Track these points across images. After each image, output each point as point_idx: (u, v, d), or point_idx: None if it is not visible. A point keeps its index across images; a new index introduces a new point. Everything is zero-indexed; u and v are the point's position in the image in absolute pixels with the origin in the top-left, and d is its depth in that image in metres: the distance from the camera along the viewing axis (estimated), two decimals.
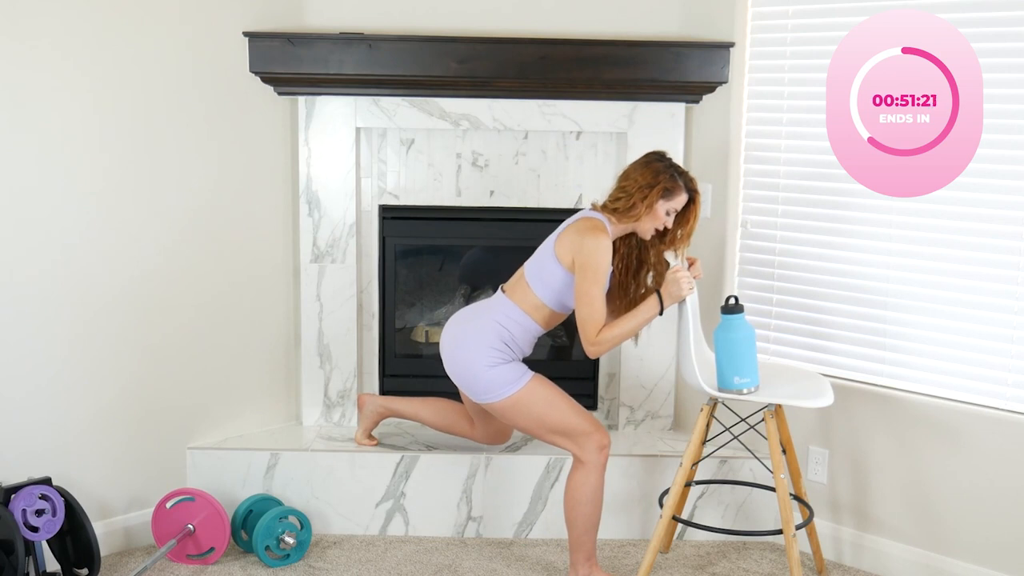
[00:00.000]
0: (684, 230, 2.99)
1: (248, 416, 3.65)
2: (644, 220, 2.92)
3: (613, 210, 2.94)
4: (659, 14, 3.55)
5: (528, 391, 2.96)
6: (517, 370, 2.98)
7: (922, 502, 3.17)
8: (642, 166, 2.94)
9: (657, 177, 2.89)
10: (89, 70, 3.10)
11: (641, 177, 2.91)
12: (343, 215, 3.63)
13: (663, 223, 2.94)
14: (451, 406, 3.41)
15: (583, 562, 3.05)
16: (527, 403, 2.96)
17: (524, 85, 3.51)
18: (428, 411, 3.42)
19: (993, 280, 3.01)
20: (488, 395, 2.97)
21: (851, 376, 3.31)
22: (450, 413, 3.40)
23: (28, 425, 3.11)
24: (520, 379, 2.96)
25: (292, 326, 3.72)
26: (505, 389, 2.95)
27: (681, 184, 2.92)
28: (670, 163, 2.94)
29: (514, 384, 2.95)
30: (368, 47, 3.44)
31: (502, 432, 3.36)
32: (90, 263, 3.18)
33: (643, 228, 2.96)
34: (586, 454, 2.97)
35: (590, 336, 2.87)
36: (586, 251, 2.86)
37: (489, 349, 2.95)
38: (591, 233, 2.87)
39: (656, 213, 2.91)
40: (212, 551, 3.25)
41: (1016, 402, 2.99)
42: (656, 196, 2.89)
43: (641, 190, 2.89)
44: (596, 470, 2.98)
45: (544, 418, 2.97)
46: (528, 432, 3.05)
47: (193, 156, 3.37)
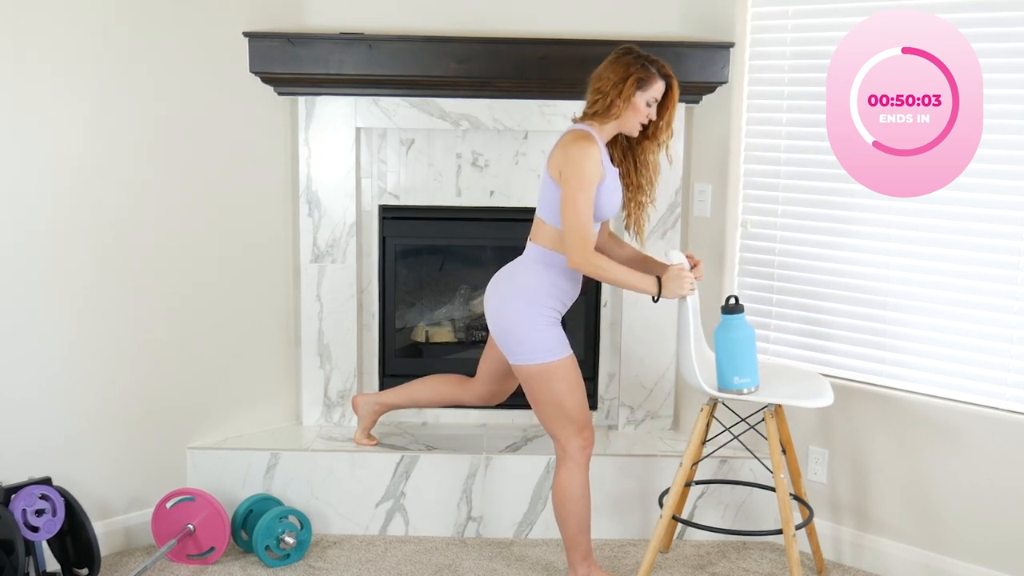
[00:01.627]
0: (665, 118, 2.93)
1: (248, 416, 3.65)
2: (626, 116, 2.88)
3: (593, 115, 2.89)
4: (659, 14, 3.55)
5: (562, 364, 2.92)
6: (559, 340, 2.93)
7: (922, 502, 3.17)
8: (611, 63, 2.88)
9: (628, 69, 2.84)
10: (89, 70, 3.10)
11: (613, 73, 2.86)
12: (343, 215, 3.63)
13: (646, 115, 2.89)
14: (440, 379, 3.40)
15: (580, 561, 3.04)
16: (554, 377, 2.92)
17: (524, 85, 3.51)
18: (422, 392, 3.41)
19: (993, 280, 3.01)
20: (526, 356, 2.91)
21: (851, 376, 3.31)
22: (442, 386, 3.38)
23: (28, 425, 3.11)
24: (561, 350, 2.92)
25: (292, 326, 3.72)
26: (544, 355, 2.90)
27: (654, 71, 2.86)
28: (639, 54, 2.89)
29: (553, 353, 2.91)
30: (368, 47, 3.44)
31: (502, 394, 3.31)
32: (90, 263, 3.18)
33: (628, 125, 2.90)
34: (573, 447, 2.94)
35: (577, 246, 2.80)
36: (570, 159, 2.81)
37: (540, 308, 2.91)
38: (575, 143, 2.83)
39: (636, 106, 2.86)
40: (212, 551, 3.26)
41: (1016, 402, 2.99)
42: (631, 88, 2.84)
43: (615, 86, 2.84)
44: (580, 468, 2.97)
45: (560, 397, 2.93)
46: (536, 404, 2.98)
47: (193, 156, 3.37)
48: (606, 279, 2.88)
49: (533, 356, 2.91)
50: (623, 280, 2.88)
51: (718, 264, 3.58)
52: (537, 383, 2.94)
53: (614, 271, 2.86)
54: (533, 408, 3.00)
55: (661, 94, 2.89)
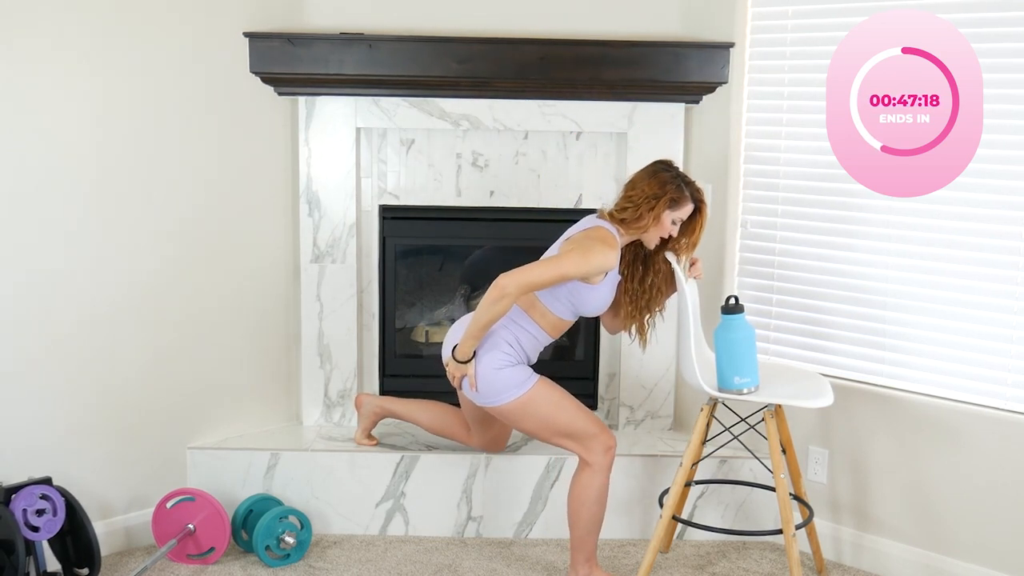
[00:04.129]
0: (689, 240, 2.98)
1: (248, 416, 3.65)
2: (650, 230, 2.93)
3: (620, 220, 2.93)
4: (659, 14, 3.55)
5: (535, 394, 2.95)
6: (523, 372, 2.97)
7: (922, 502, 3.17)
8: (649, 176, 2.93)
9: (664, 188, 2.89)
10: (89, 70, 3.10)
11: (648, 187, 2.90)
12: (343, 215, 3.63)
13: (668, 232, 2.94)
14: (448, 411, 3.41)
15: (583, 562, 3.05)
16: (534, 406, 2.95)
17: (524, 85, 3.51)
18: (425, 414, 3.43)
19: (993, 280, 3.01)
20: (495, 398, 2.95)
21: (851, 376, 3.31)
22: (447, 417, 3.40)
23: (29, 425, 3.11)
24: (527, 382, 2.95)
25: (292, 326, 3.72)
26: (511, 392, 2.93)
27: (687, 194, 2.91)
28: (676, 173, 2.94)
29: (520, 387, 2.94)
30: (368, 47, 3.44)
31: (499, 439, 3.37)
32: (90, 263, 3.18)
33: (648, 237, 2.96)
34: (593, 456, 2.97)
35: (517, 278, 2.78)
36: (589, 249, 2.84)
37: (496, 352, 2.94)
38: (602, 243, 2.85)
39: (662, 223, 2.91)
40: (212, 551, 3.26)
41: (1016, 402, 2.99)
42: (663, 207, 2.88)
43: (648, 201, 2.88)
44: (602, 471, 2.98)
45: (550, 421, 2.96)
46: (534, 435, 3.04)
47: (193, 156, 3.37)
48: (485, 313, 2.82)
49: (502, 395, 2.94)
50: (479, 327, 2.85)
51: (718, 264, 3.58)
52: (519, 418, 2.98)
53: (491, 317, 2.82)
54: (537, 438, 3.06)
55: (687, 215, 2.95)
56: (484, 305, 2.82)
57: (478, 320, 2.85)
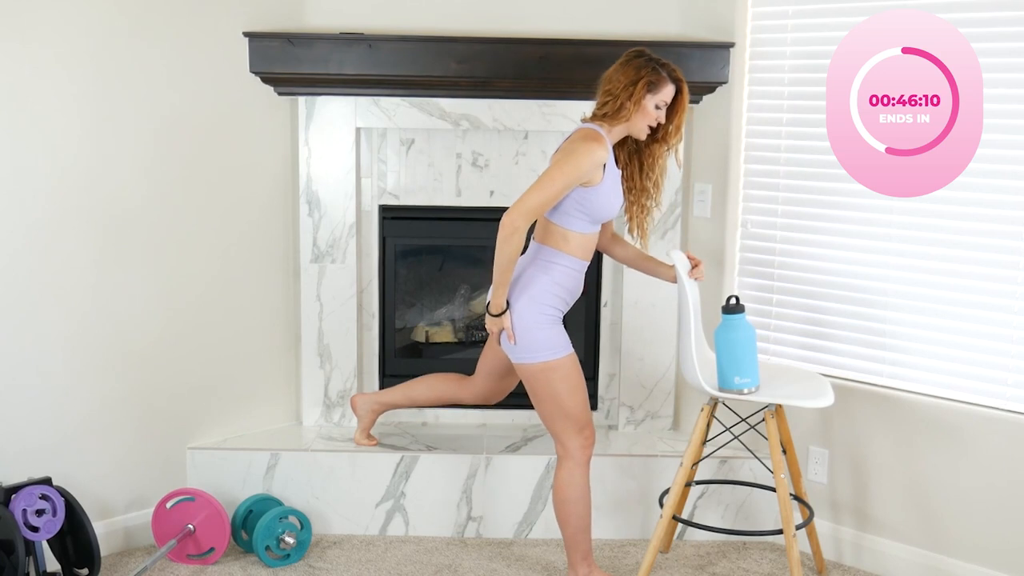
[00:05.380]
0: (675, 122, 2.93)
1: (248, 416, 3.65)
2: (635, 119, 2.87)
3: (603, 116, 2.89)
4: (659, 14, 3.55)
5: (563, 363, 2.92)
6: (561, 338, 2.93)
7: (922, 502, 3.17)
8: (622, 65, 2.89)
9: (639, 72, 2.84)
10: (88, 70, 3.10)
11: (623, 76, 2.86)
12: (343, 215, 3.63)
13: (655, 118, 2.88)
14: (438, 378, 3.40)
15: (580, 561, 3.04)
16: (557, 374, 2.92)
17: (524, 85, 3.51)
18: (419, 392, 3.42)
19: (993, 280, 3.01)
20: (527, 355, 2.91)
21: (851, 376, 3.31)
22: (440, 384, 3.39)
23: (28, 425, 3.11)
24: (562, 348, 2.93)
25: (292, 326, 3.72)
26: (546, 353, 2.90)
27: (665, 75, 2.86)
28: (650, 56, 2.89)
29: (556, 351, 2.91)
30: (368, 47, 3.44)
31: (501, 392, 3.32)
32: (90, 262, 3.18)
33: (636, 128, 2.90)
34: (574, 445, 2.95)
35: (519, 208, 2.77)
36: (572, 151, 2.81)
37: (543, 307, 2.90)
38: (583, 141, 2.83)
39: (645, 109, 2.86)
40: (212, 551, 3.26)
41: (1016, 402, 2.99)
42: (642, 91, 2.84)
43: (626, 88, 2.84)
44: (581, 466, 2.97)
45: (561, 395, 2.93)
46: (538, 403, 2.98)
47: (193, 156, 3.37)
48: (501, 253, 2.80)
49: (535, 354, 2.91)
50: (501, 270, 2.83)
51: (718, 264, 3.58)
52: (539, 381, 2.94)
53: (508, 256, 2.80)
54: (535, 406, 3.00)
55: (671, 97, 2.90)
56: (499, 246, 2.79)
57: (498, 263, 2.82)
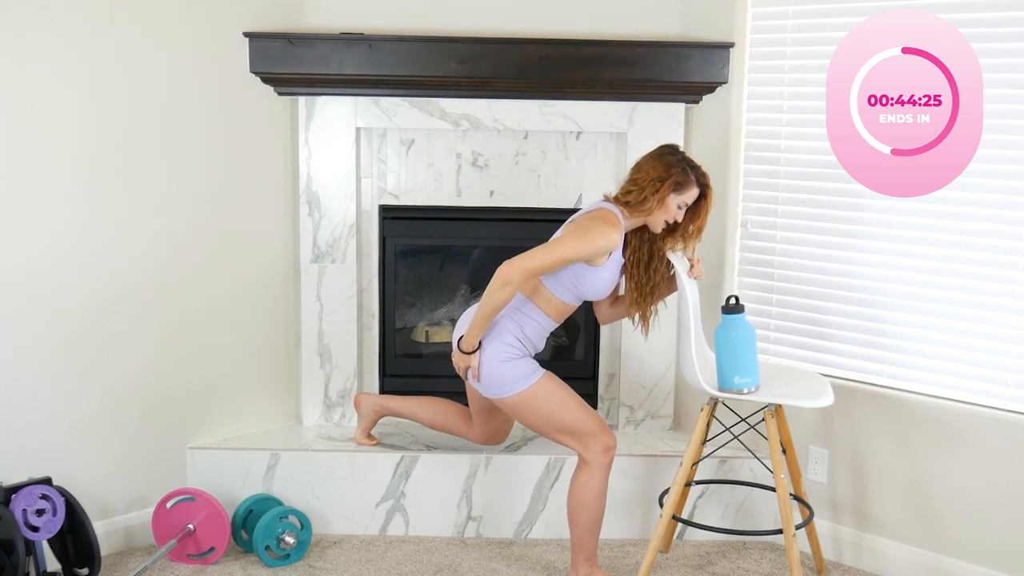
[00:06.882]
0: (695, 224, 2.98)
1: (248, 416, 3.65)
2: (655, 213, 2.91)
3: (625, 203, 2.93)
4: (659, 14, 3.55)
5: (539, 387, 2.95)
6: (529, 366, 2.97)
7: (922, 502, 3.17)
8: (654, 159, 2.93)
9: (669, 171, 2.88)
10: (89, 70, 3.10)
11: (653, 170, 2.90)
12: (343, 215, 3.63)
13: (674, 217, 2.93)
14: (448, 405, 3.41)
15: (583, 562, 3.05)
16: (538, 400, 2.95)
17: (524, 85, 3.51)
18: (425, 410, 3.43)
19: (993, 280, 3.01)
20: (500, 390, 2.95)
21: (851, 376, 3.31)
22: (446, 412, 3.40)
23: (28, 425, 3.11)
24: (532, 375, 2.95)
25: (292, 326, 3.72)
26: (517, 385, 2.94)
27: (693, 178, 2.91)
28: (682, 156, 2.93)
29: (526, 380, 2.94)
30: (368, 47, 3.44)
31: (500, 432, 3.36)
32: (90, 262, 3.18)
33: (654, 221, 2.94)
34: (591, 454, 2.97)
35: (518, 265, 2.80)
36: (590, 228, 2.85)
37: (502, 344, 2.94)
38: (604, 223, 2.86)
39: (667, 206, 2.90)
40: (212, 551, 3.26)
41: (1016, 402, 2.99)
42: (667, 190, 2.87)
43: (652, 183, 2.88)
44: (600, 471, 2.98)
45: (553, 416, 2.96)
46: (535, 429, 3.04)
47: (193, 156, 3.37)
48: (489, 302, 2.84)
49: (506, 388, 2.95)
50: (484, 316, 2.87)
51: (718, 264, 3.58)
52: (522, 411, 2.99)
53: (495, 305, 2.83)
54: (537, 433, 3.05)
55: (693, 200, 2.94)
56: (488, 294, 2.83)
57: (483, 309, 2.86)
